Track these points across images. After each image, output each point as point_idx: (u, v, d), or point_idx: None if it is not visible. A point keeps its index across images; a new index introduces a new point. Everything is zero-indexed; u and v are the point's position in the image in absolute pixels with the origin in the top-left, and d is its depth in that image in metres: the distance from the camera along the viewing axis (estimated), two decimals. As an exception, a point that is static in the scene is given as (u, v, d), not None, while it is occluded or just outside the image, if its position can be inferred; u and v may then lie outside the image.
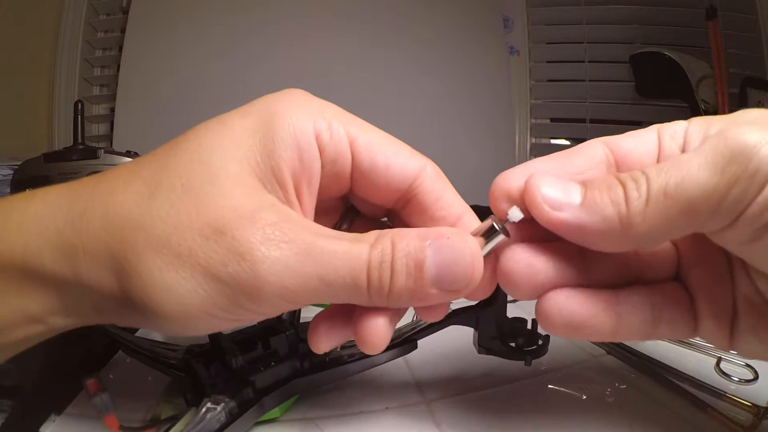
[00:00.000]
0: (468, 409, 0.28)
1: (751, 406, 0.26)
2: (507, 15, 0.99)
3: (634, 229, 0.17)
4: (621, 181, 0.18)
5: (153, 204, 0.17)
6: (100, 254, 0.17)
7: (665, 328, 0.20)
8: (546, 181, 0.18)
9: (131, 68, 0.94)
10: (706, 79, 0.83)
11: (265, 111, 0.19)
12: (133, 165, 0.19)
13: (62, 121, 0.95)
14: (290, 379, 0.27)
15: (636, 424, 0.26)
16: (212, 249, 0.17)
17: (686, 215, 0.17)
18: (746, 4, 0.88)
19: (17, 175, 0.57)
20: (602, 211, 0.17)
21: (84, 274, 0.17)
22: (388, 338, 0.19)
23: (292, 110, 0.19)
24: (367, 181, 0.20)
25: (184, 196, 0.17)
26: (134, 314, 0.18)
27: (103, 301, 0.18)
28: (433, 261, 0.18)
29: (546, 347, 0.30)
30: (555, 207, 0.18)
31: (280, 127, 0.19)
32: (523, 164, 0.20)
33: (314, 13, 0.95)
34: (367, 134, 0.20)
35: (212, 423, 0.23)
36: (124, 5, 0.97)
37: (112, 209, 0.18)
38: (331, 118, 0.20)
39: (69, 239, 0.17)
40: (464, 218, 0.21)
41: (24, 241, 0.18)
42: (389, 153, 0.20)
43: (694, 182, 0.16)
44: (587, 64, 0.97)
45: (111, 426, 0.21)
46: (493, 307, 0.30)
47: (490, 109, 0.98)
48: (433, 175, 0.21)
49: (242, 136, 0.19)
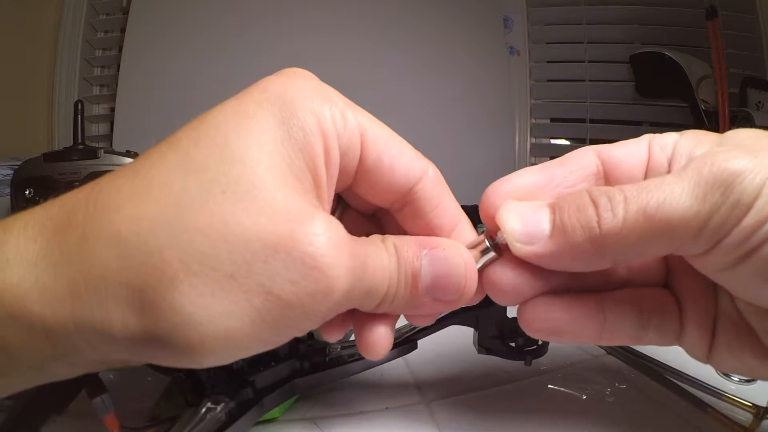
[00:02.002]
0: (468, 409, 0.28)
1: (751, 406, 0.26)
2: (507, 15, 0.99)
3: (608, 249, 0.17)
4: (593, 199, 0.17)
5: (186, 214, 0.14)
6: (110, 288, 0.14)
7: (653, 335, 0.21)
8: (513, 214, 0.18)
9: (131, 68, 0.94)
10: (706, 79, 0.83)
11: (281, 98, 0.17)
12: (135, 170, 0.16)
13: (62, 121, 0.95)
14: (290, 379, 0.27)
15: (636, 424, 0.26)
16: (281, 263, 0.14)
17: (664, 238, 0.16)
18: (746, 4, 0.88)
19: (17, 175, 0.57)
20: (572, 238, 0.17)
21: (87, 315, 0.14)
22: (390, 344, 0.19)
23: (309, 96, 0.17)
24: (370, 177, 0.19)
25: (228, 202, 0.14)
26: (154, 353, 0.15)
27: (113, 343, 0.15)
28: (429, 271, 0.18)
29: (546, 347, 0.31)
30: (525, 241, 0.18)
31: (304, 116, 0.16)
32: (514, 174, 0.21)
33: (314, 13, 0.95)
34: (376, 128, 0.19)
35: (212, 423, 0.23)
36: (124, 5, 0.97)
37: (125, 228, 0.14)
38: (344, 106, 0.18)
39: (66, 276, 0.14)
40: (460, 227, 0.21)
41: (1, 285, 0.14)
42: (394, 151, 0.19)
43: (675, 205, 0.16)
44: (587, 64, 0.97)
45: (111, 426, 0.21)
46: (494, 307, 0.30)
47: (490, 109, 0.98)
48: (434, 180, 0.20)
49: (268, 128, 0.16)
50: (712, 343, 0.20)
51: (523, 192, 0.20)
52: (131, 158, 0.58)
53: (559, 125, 1.02)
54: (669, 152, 0.20)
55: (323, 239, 0.15)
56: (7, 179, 0.60)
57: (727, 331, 0.20)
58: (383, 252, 0.17)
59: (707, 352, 0.20)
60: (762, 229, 0.15)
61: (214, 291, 0.14)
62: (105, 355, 0.16)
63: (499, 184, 0.20)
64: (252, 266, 0.14)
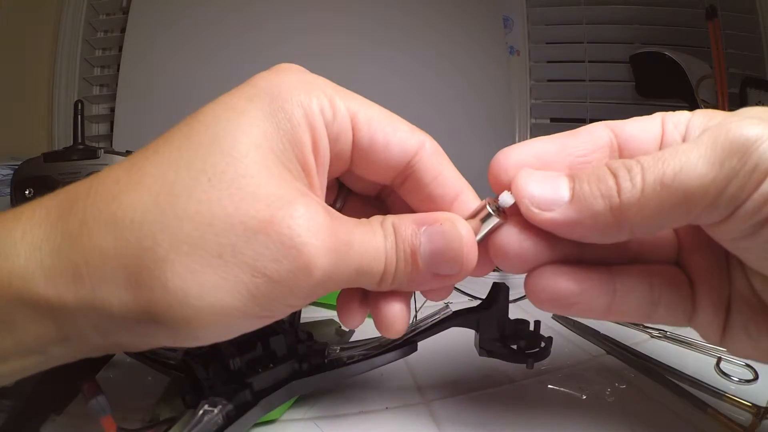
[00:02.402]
0: (468, 409, 0.28)
1: (751, 406, 0.26)
2: (507, 15, 0.99)
3: (627, 220, 0.17)
4: (612, 170, 0.17)
5: (176, 202, 0.15)
6: (108, 268, 0.15)
7: (663, 312, 0.20)
8: (532, 179, 0.18)
9: (131, 68, 0.94)
10: (706, 79, 0.83)
11: (269, 92, 0.18)
12: (131, 163, 0.17)
13: (62, 121, 0.95)
14: (288, 380, 0.27)
15: (636, 424, 0.26)
16: (261, 243, 0.15)
17: (682, 206, 0.16)
18: (746, 4, 0.88)
19: (17, 175, 0.57)
20: (592, 206, 0.17)
21: (88, 295, 0.15)
22: (407, 320, 0.20)
23: (296, 90, 0.18)
24: (366, 158, 0.20)
25: (214, 190, 0.16)
26: (152, 330, 0.16)
27: (112, 322, 0.16)
28: (427, 248, 0.18)
29: (548, 350, 0.30)
30: (543, 207, 0.18)
31: (291, 109, 0.17)
32: (524, 143, 0.20)
33: (314, 13, 0.95)
34: (367, 109, 0.20)
35: (209, 426, 0.23)
36: (124, 5, 0.97)
37: (121, 214, 0.15)
38: (332, 94, 0.19)
39: (68, 258, 0.15)
40: (462, 196, 0.21)
41: (9, 265, 0.15)
42: (388, 129, 0.20)
43: (692, 173, 0.16)
44: (587, 64, 0.97)
45: (108, 428, 0.21)
46: (495, 308, 0.30)
47: (490, 108, 0.98)
48: (431, 152, 0.20)
49: (257, 122, 0.17)
50: (726, 325, 0.20)
51: (534, 159, 0.20)
52: (131, 158, 0.58)
53: (559, 125, 1.02)
54: (682, 129, 0.19)
55: (300, 222, 0.16)
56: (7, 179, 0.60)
57: (742, 312, 0.19)
58: (376, 233, 0.18)
59: (720, 334, 0.20)
60: None
61: (204, 269, 0.15)
62: (106, 336, 0.16)
63: (509, 150, 0.20)
64: (236, 247, 0.15)
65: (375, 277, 0.18)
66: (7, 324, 0.16)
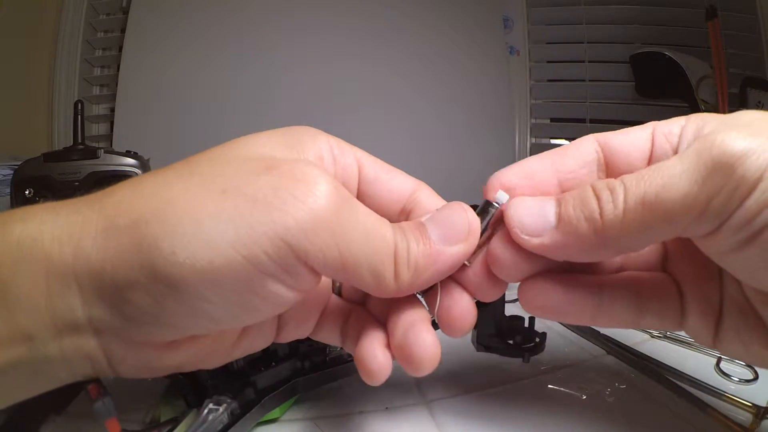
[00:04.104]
0: (468, 409, 0.28)
1: (751, 406, 0.26)
2: (507, 15, 0.99)
3: (611, 240, 0.17)
4: (596, 192, 0.18)
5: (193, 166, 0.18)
6: (118, 215, 0.16)
7: (651, 319, 0.21)
8: (522, 208, 0.19)
9: (131, 68, 0.94)
10: (706, 79, 0.83)
11: (286, 134, 0.20)
12: (158, 169, 0.19)
13: (62, 121, 0.95)
14: (291, 379, 0.27)
15: (636, 424, 0.26)
16: (263, 179, 0.16)
17: (665, 223, 0.16)
18: (746, 4, 0.88)
19: (17, 175, 0.57)
20: (577, 230, 0.18)
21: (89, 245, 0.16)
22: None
23: (308, 133, 0.21)
24: (373, 191, 0.22)
25: (229, 160, 0.18)
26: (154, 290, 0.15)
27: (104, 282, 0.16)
28: (431, 221, 0.19)
29: (543, 344, 0.31)
30: (533, 233, 0.19)
31: (305, 143, 0.20)
32: (517, 164, 0.21)
33: (314, 13, 0.95)
34: (370, 157, 0.22)
35: (215, 424, 0.23)
36: (124, 5, 0.97)
37: (142, 179, 0.17)
38: (340, 141, 0.22)
39: (81, 213, 0.16)
40: None
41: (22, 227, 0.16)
42: (389, 171, 0.22)
43: (673, 191, 0.16)
44: (587, 64, 0.97)
45: (113, 430, 0.21)
46: (491, 305, 0.31)
47: (490, 108, 0.98)
48: (428, 192, 0.23)
49: (274, 148, 0.19)
50: (718, 330, 0.20)
51: (525, 179, 0.21)
52: (131, 158, 0.58)
53: (559, 125, 1.02)
54: (674, 140, 0.19)
55: (306, 166, 0.17)
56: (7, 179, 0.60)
57: (734, 318, 0.19)
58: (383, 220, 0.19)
59: (712, 339, 0.20)
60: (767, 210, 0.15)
61: (207, 202, 0.16)
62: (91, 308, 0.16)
63: (501, 172, 0.21)
64: (239, 186, 0.16)
65: (388, 260, 0.18)
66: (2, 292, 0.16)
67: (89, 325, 0.16)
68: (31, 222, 0.16)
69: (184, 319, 0.17)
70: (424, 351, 0.18)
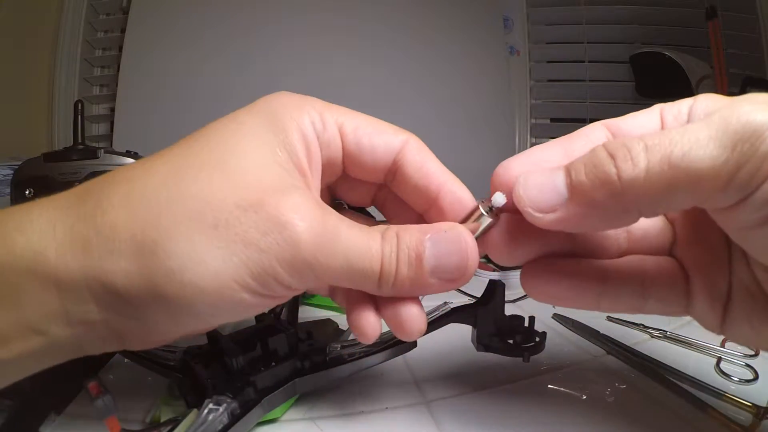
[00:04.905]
0: (468, 409, 0.28)
1: (751, 406, 0.26)
2: (507, 15, 0.99)
3: (631, 203, 0.16)
4: (610, 152, 0.16)
5: (182, 184, 0.18)
6: (117, 239, 0.17)
7: (655, 305, 0.20)
8: (530, 185, 0.18)
9: (131, 68, 0.94)
10: (706, 79, 0.84)
11: (267, 111, 0.20)
12: (145, 159, 0.19)
13: (62, 121, 0.95)
14: (291, 378, 0.27)
15: (636, 424, 0.26)
16: (251, 219, 0.17)
17: (690, 189, 0.15)
18: (746, 4, 0.88)
19: (17, 175, 0.57)
20: (592, 197, 0.16)
21: (96, 264, 0.17)
22: (424, 321, 0.20)
23: (289, 107, 0.21)
24: (356, 160, 0.22)
25: (216, 174, 0.18)
26: (153, 307, 0.17)
27: (116, 295, 0.17)
28: (432, 253, 0.19)
29: (543, 344, 0.31)
30: (546, 209, 0.17)
31: (286, 123, 0.20)
32: (524, 153, 0.21)
33: (314, 13, 0.95)
34: (353, 119, 0.22)
35: (215, 424, 0.23)
36: (124, 5, 0.97)
37: (134, 193, 0.17)
38: (322, 109, 0.21)
39: (80, 232, 0.17)
40: (445, 186, 0.22)
41: (25, 239, 0.17)
42: (373, 133, 0.22)
43: (702, 154, 0.15)
44: (587, 64, 0.97)
45: (112, 429, 0.21)
46: (491, 305, 0.30)
47: (490, 109, 0.98)
48: (415, 149, 0.22)
49: (258, 131, 0.19)
50: (726, 315, 0.20)
51: (534, 168, 0.19)
52: (131, 158, 0.58)
53: (559, 125, 1.02)
54: (684, 119, 0.19)
55: (288, 204, 0.18)
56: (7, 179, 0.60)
57: (744, 302, 0.19)
58: (371, 235, 0.19)
59: (719, 323, 0.20)
60: None
61: (201, 237, 0.17)
62: (107, 311, 0.17)
63: (508, 162, 0.20)
64: (229, 221, 0.17)
65: (372, 277, 0.19)
66: (14, 298, 0.17)
67: (102, 321, 0.18)
68: (31, 233, 0.17)
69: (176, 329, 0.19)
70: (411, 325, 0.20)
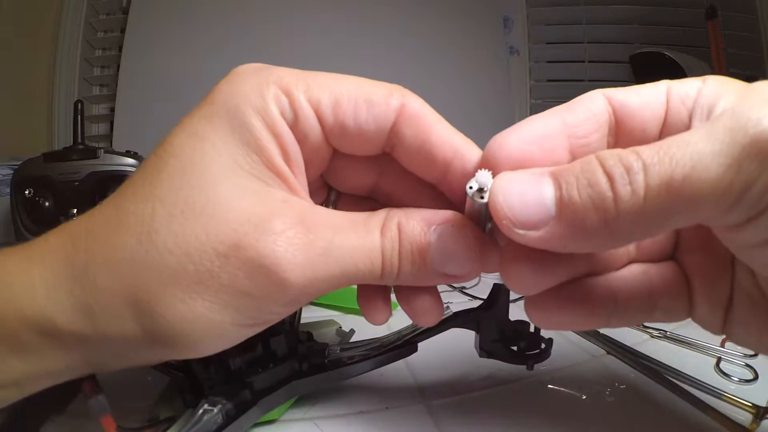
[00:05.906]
0: (468, 409, 0.28)
1: (751, 406, 0.26)
2: (507, 15, 0.99)
3: (622, 232, 0.14)
4: (607, 171, 0.14)
5: (156, 238, 0.17)
6: (114, 305, 0.17)
7: (661, 314, 0.20)
8: (511, 192, 0.15)
9: (131, 68, 0.94)
10: (706, 79, 0.83)
11: (227, 108, 0.18)
12: (118, 201, 0.18)
13: (62, 121, 0.95)
14: (289, 380, 0.27)
15: (636, 424, 0.26)
16: (232, 265, 0.16)
17: (691, 212, 0.14)
18: (746, 4, 0.88)
19: (17, 175, 0.57)
20: (583, 221, 0.14)
21: (103, 328, 0.17)
22: (441, 309, 0.20)
23: (251, 96, 0.18)
24: (344, 142, 0.19)
25: (187, 222, 0.17)
26: (161, 351, 0.18)
27: (128, 347, 0.18)
28: (437, 248, 0.18)
29: (549, 351, 0.30)
30: (526, 226, 0.15)
31: (251, 122, 0.17)
32: (523, 124, 0.18)
33: (314, 13, 0.95)
34: (330, 93, 0.18)
35: (208, 425, 0.23)
36: (124, 5, 0.97)
37: (113, 256, 0.17)
38: (291, 89, 0.18)
39: (80, 299, 0.17)
40: (459, 155, 0.19)
41: (36, 305, 0.17)
42: (357, 109, 0.18)
43: (704, 175, 0.13)
44: (587, 64, 0.98)
45: (108, 428, 0.21)
46: (495, 309, 0.29)
47: (489, 109, 0.98)
48: (413, 116, 0.19)
49: (220, 146, 0.17)
50: (727, 320, 0.19)
51: (534, 146, 0.17)
52: (131, 158, 0.58)
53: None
54: (690, 104, 0.17)
55: (268, 243, 0.16)
56: (7, 179, 0.60)
57: (745, 309, 0.19)
58: (369, 233, 0.18)
59: (721, 328, 0.20)
60: None
61: (190, 295, 0.17)
62: (123, 358, 0.18)
63: (505, 136, 0.17)
64: (212, 272, 0.16)
65: (373, 274, 0.18)
66: (38, 352, 0.17)
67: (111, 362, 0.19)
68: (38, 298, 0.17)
69: None
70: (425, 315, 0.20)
